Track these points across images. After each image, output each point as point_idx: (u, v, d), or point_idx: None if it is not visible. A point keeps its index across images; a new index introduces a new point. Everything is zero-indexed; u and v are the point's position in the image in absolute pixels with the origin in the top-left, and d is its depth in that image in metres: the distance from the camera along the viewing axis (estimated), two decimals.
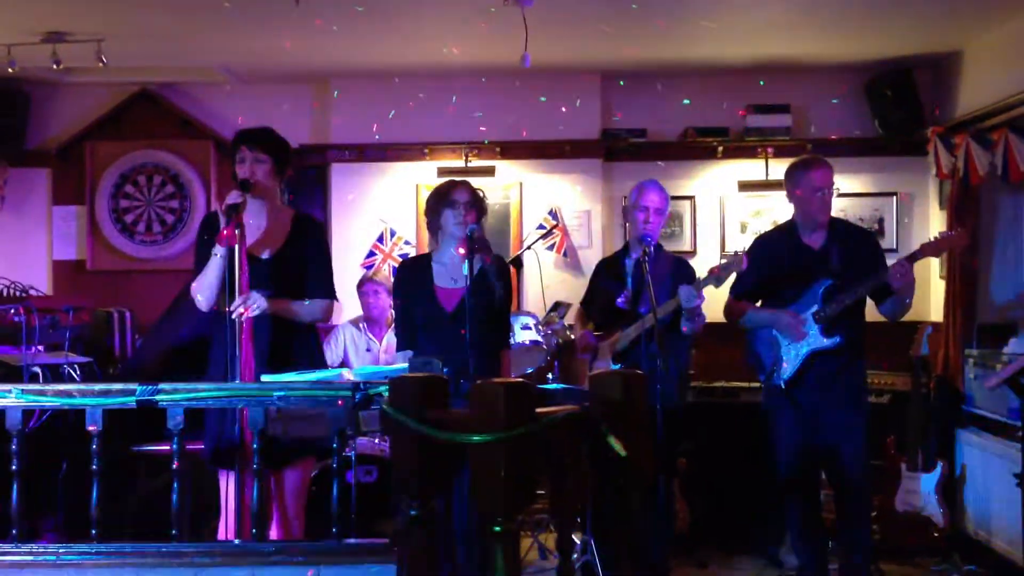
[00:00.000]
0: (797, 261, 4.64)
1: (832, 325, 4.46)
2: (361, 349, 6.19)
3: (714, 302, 4.86)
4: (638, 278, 4.71)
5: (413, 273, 4.31)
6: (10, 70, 6.22)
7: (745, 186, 7.08)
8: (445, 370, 3.29)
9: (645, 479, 2.37)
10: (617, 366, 4.62)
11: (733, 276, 4.60)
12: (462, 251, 4.01)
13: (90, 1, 5.49)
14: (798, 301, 4.57)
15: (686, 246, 7.03)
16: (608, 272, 5.04)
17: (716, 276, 4.45)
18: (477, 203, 4.18)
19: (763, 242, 4.90)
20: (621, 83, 7.10)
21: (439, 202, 4.20)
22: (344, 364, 6.14)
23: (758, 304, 4.78)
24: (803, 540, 4.72)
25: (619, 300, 4.79)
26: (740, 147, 7.02)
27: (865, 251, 4.63)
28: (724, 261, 4.55)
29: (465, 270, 3.94)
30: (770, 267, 4.68)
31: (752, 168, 7.08)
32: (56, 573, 2.63)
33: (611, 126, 7.13)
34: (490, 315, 4.07)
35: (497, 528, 1.98)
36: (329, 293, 4.03)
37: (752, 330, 4.77)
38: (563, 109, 7.05)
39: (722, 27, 5.99)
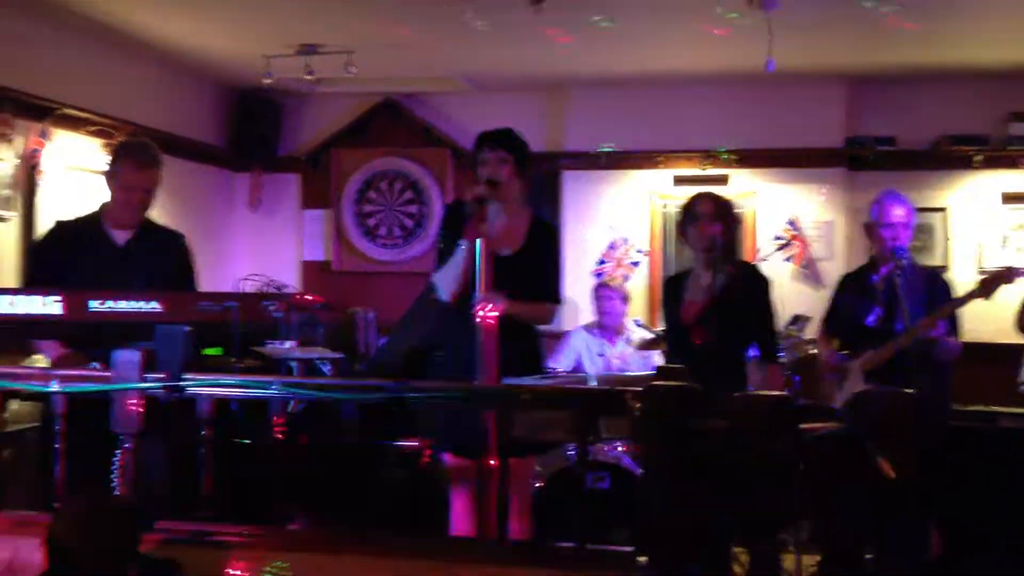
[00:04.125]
0: None
1: None
2: (594, 353, 6.19)
3: (973, 320, 4.57)
4: (888, 294, 4.46)
5: (671, 288, 4.30)
6: (266, 80, 6.60)
7: (1009, 198, 6.63)
8: None
9: (911, 502, 2.24)
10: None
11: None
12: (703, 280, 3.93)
13: (343, 14, 5.75)
14: None
15: (937, 260, 6.65)
16: (854, 288, 4.77)
17: (985, 290, 4.20)
18: (723, 214, 4.09)
19: None
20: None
21: (684, 215, 4.15)
22: (577, 368, 6.16)
23: None
24: None
25: (869, 319, 4.53)
26: (1001, 156, 6.59)
27: None
28: (990, 275, 4.28)
29: (702, 283, 3.87)
30: None
31: (1016, 179, 6.63)
32: (316, 557, 2.73)
33: (856, 134, 6.83)
34: (738, 327, 3.96)
35: (758, 544, 1.91)
36: (558, 299, 4.03)
37: None
38: (805, 116, 6.82)
39: (984, 30, 5.64)
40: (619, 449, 5.09)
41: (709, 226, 4.05)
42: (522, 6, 5.16)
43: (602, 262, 7.17)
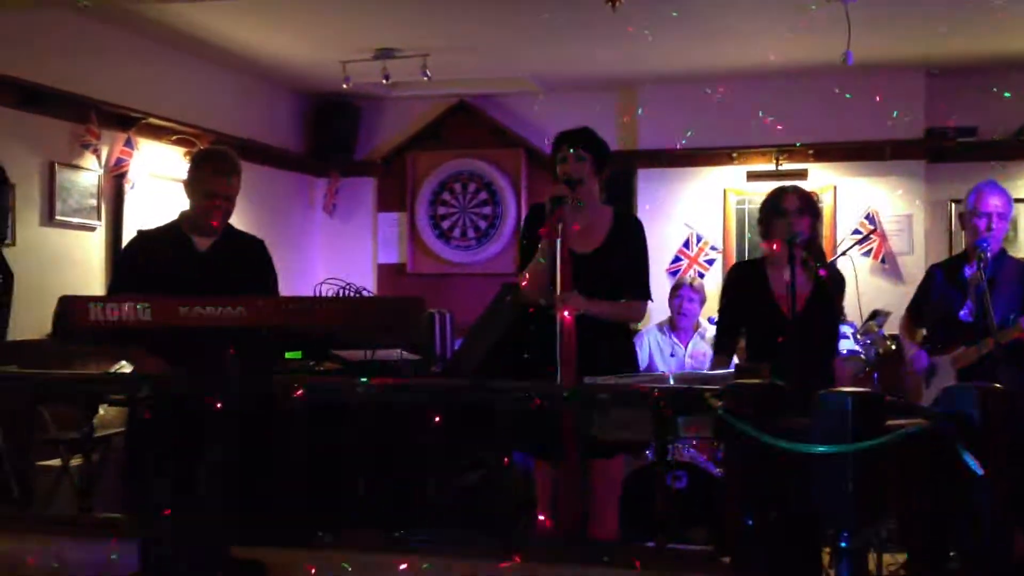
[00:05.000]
0: None
1: None
2: (666, 353, 6.16)
3: None
4: (982, 288, 4.34)
5: (749, 277, 4.17)
6: (344, 86, 6.70)
7: None
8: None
9: (998, 501, 2.19)
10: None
11: None
12: (787, 275, 3.85)
13: (418, 18, 5.81)
14: None
15: (1021, 252, 6.48)
16: (946, 279, 4.64)
17: None
18: (808, 209, 4.01)
19: None
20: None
21: (769, 211, 4.05)
22: (649, 368, 6.13)
23: None
24: None
25: (962, 312, 4.41)
26: None
27: None
28: None
29: (786, 277, 3.80)
30: None
31: None
32: (396, 558, 2.76)
33: (936, 125, 6.69)
34: (827, 327, 3.90)
35: (843, 544, 1.88)
36: (645, 294, 3.98)
37: None
38: (883, 108, 6.70)
39: None
40: (695, 448, 5.06)
41: (797, 221, 3.96)
42: (596, 6, 5.16)
43: (677, 259, 7.13)
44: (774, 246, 4.04)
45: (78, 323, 3.11)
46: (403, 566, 2.67)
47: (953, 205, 6.68)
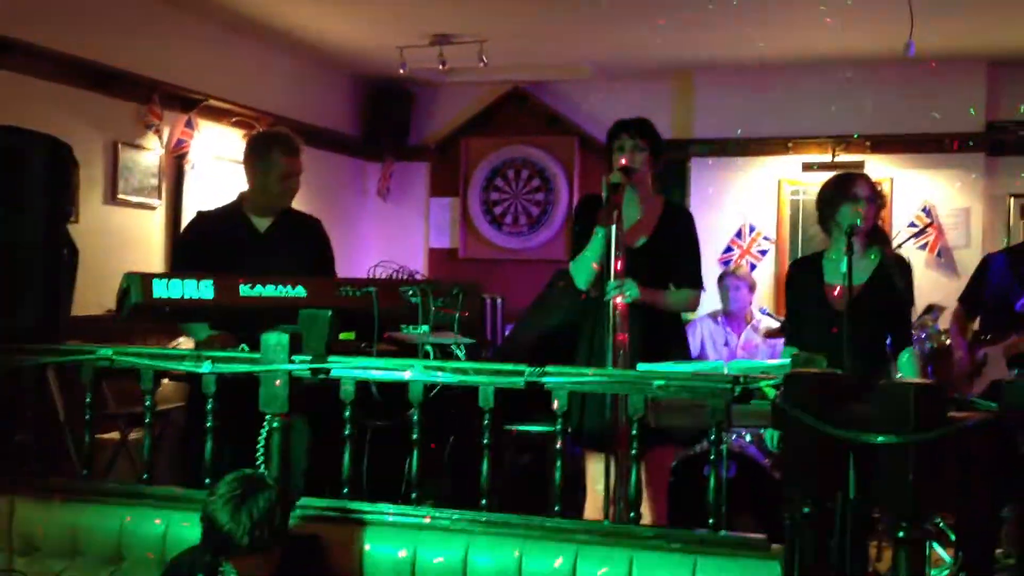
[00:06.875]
0: None
1: None
2: (719, 343, 6.14)
3: None
4: None
5: (804, 271, 4.11)
6: (401, 71, 6.74)
7: None
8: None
9: None
10: (1015, 371, 4.27)
11: None
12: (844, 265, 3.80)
13: (476, 4, 5.83)
14: None
15: None
16: (1006, 268, 4.59)
17: None
18: (877, 197, 3.97)
19: None
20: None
21: (837, 195, 3.97)
22: (701, 357, 6.12)
23: None
24: None
25: (1019, 303, 4.38)
26: None
27: None
28: None
29: (843, 267, 3.76)
30: None
31: None
32: (448, 537, 2.80)
33: (998, 118, 6.59)
34: (887, 314, 3.84)
35: (902, 534, 1.88)
36: (697, 283, 3.97)
37: None
38: (943, 100, 6.61)
39: None
40: (746, 439, 5.05)
41: (867, 208, 3.90)
42: None
43: (729, 249, 7.10)
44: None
45: (142, 300, 3.19)
46: (454, 544, 2.72)
47: (1013, 199, 6.60)
